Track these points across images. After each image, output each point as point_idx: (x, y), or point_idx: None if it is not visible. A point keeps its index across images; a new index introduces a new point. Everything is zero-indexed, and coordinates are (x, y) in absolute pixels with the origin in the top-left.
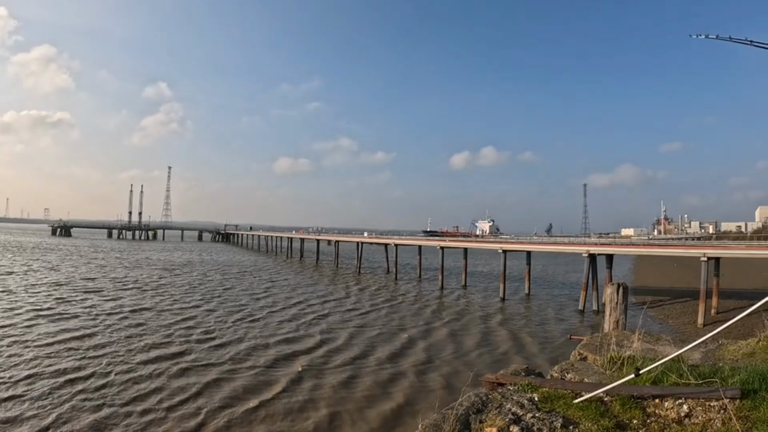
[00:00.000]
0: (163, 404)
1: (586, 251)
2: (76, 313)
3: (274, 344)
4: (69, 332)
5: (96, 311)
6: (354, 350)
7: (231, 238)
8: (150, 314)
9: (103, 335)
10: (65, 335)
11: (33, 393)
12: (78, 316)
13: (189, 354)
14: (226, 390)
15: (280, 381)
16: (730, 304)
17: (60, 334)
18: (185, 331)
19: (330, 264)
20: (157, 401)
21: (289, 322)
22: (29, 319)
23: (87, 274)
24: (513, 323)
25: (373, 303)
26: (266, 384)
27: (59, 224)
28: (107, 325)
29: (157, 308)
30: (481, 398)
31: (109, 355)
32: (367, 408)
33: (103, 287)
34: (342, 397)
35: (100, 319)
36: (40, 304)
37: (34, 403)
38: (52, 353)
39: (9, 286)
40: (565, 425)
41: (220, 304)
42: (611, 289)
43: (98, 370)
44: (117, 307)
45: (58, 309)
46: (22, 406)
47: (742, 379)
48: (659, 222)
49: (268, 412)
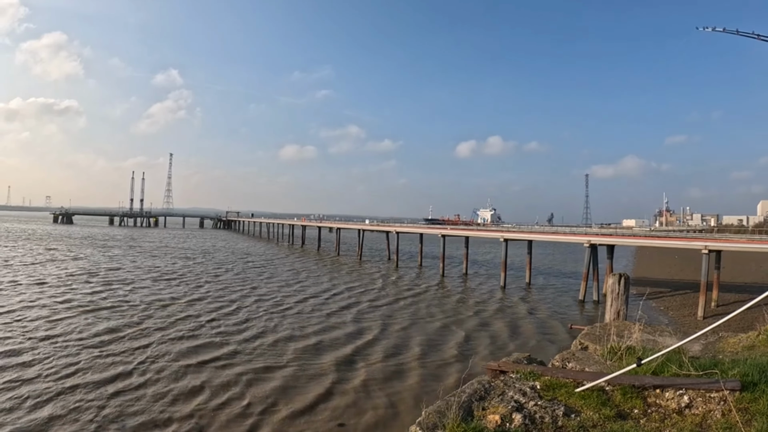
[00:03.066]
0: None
1: (587, 241)
2: (122, 305)
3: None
4: (130, 327)
5: (152, 299)
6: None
7: (232, 225)
8: (203, 304)
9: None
10: (131, 331)
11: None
12: (121, 307)
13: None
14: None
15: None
16: (730, 297)
17: (123, 330)
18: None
19: (346, 251)
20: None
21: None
22: (88, 311)
23: (110, 263)
24: (513, 312)
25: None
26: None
27: (61, 212)
28: (166, 316)
29: (207, 298)
30: (484, 386)
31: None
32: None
33: (135, 277)
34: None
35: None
36: (89, 296)
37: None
38: (125, 349)
39: (44, 279)
40: (567, 414)
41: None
42: (613, 279)
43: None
44: (159, 298)
45: (105, 301)
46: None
47: (742, 372)
48: (661, 213)
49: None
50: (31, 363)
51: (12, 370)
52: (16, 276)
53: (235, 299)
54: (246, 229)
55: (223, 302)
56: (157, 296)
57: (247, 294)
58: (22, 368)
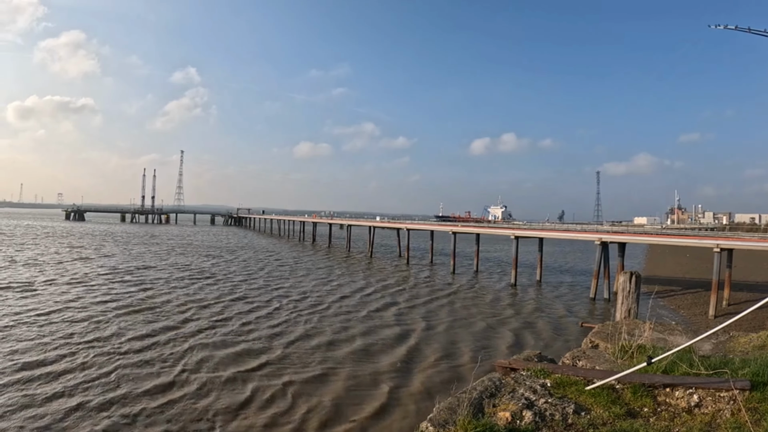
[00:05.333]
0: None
1: (598, 239)
2: (163, 305)
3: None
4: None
5: (189, 299)
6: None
7: (243, 221)
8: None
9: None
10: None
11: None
12: (162, 308)
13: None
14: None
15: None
16: (742, 296)
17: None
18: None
19: (360, 248)
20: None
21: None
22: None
23: (137, 261)
24: (524, 309)
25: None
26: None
27: (73, 209)
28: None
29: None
30: (495, 383)
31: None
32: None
33: (168, 276)
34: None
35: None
36: (128, 296)
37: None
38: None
39: (78, 278)
40: (577, 411)
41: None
42: (624, 277)
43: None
44: (198, 298)
45: (146, 302)
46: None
47: (753, 371)
48: (672, 211)
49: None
50: (67, 371)
51: (46, 377)
52: (48, 274)
53: (273, 299)
54: (257, 225)
55: (260, 302)
56: (196, 296)
57: (285, 294)
58: (60, 376)
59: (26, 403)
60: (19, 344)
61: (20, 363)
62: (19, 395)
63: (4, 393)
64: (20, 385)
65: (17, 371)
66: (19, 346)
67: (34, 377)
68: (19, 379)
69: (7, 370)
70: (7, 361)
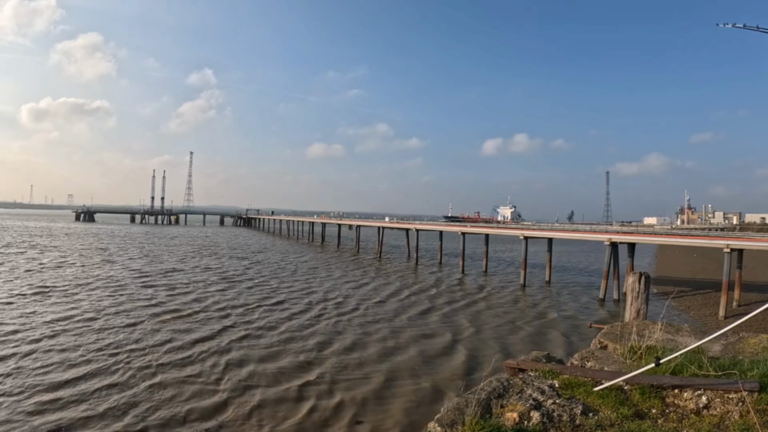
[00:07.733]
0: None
1: (607, 239)
2: (204, 311)
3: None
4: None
5: (227, 304)
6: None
7: (252, 222)
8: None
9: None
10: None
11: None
12: (203, 314)
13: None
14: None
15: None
16: (752, 297)
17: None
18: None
19: (369, 250)
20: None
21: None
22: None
23: (164, 264)
24: (533, 309)
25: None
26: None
27: (83, 210)
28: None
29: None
30: (503, 383)
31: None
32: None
33: (203, 279)
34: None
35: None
36: (165, 302)
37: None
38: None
39: (124, 283)
40: (585, 412)
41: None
42: (633, 278)
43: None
44: (238, 303)
45: (187, 307)
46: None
47: (762, 373)
48: (682, 211)
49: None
50: (116, 384)
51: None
52: (81, 278)
53: (312, 303)
54: (266, 226)
55: (302, 306)
56: (234, 301)
57: (322, 298)
58: (106, 390)
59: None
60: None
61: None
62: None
63: (91, 401)
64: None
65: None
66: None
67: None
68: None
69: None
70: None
